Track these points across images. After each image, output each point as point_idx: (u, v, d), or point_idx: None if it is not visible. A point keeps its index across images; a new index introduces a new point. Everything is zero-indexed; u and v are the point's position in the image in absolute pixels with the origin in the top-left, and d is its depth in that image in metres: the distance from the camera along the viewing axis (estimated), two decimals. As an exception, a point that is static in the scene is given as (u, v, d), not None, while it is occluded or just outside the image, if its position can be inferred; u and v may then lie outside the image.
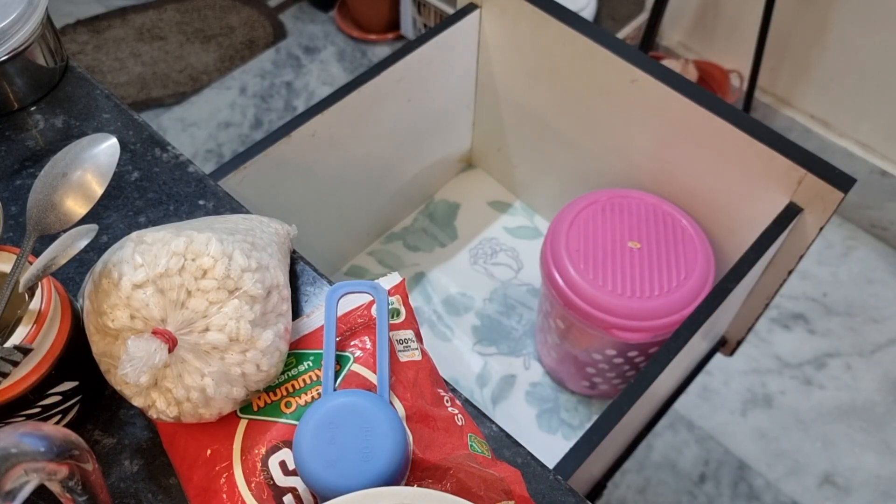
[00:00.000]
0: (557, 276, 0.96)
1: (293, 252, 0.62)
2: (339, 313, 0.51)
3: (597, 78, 0.98)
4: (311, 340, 0.52)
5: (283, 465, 0.46)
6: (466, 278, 1.26)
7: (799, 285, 1.62)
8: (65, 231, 0.47)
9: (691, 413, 1.44)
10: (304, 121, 0.94)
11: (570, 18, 0.95)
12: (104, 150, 0.50)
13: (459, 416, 0.50)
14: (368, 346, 0.50)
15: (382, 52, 1.93)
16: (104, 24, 1.97)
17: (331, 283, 0.60)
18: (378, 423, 0.44)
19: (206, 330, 0.44)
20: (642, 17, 1.74)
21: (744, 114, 0.85)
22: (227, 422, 0.48)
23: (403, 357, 0.51)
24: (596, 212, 1.00)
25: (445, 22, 1.05)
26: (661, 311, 0.92)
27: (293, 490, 0.46)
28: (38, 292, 0.46)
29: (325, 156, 1.03)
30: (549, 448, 1.11)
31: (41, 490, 0.36)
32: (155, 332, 0.43)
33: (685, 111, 0.88)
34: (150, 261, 0.44)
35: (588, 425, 0.81)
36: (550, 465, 0.76)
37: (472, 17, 1.06)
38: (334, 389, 0.48)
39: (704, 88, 0.88)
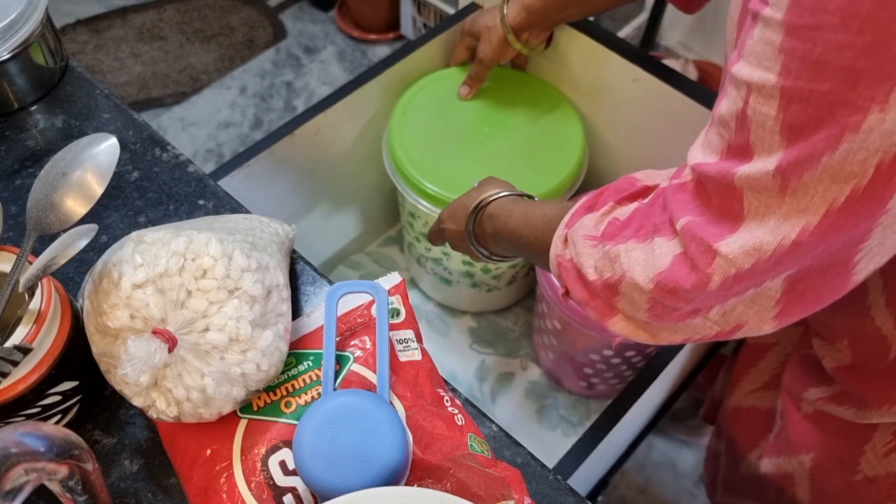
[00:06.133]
0: (553, 277, 0.96)
1: (293, 252, 0.62)
2: (339, 313, 0.51)
3: (598, 77, 0.98)
4: (311, 340, 0.52)
5: (283, 464, 0.46)
6: (466, 278, 1.26)
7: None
8: (65, 231, 0.47)
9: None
10: (307, 119, 0.94)
11: (570, 17, 0.95)
12: (104, 150, 0.50)
13: (459, 416, 0.50)
14: (368, 346, 0.50)
15: (382, 51, 1.93)
16: (104, 24, 1.97)
17: (331, 283, 0.60)
18: (378, 423, 0.44)
19: (206, 330, 0.44)
20: (642, 17, 1.74)
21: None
22: (227, 422, 0.48)
23: (403, 357, 0.51)
24: (596, 211, 1.00)
25: (447, 21, 1.05)
26: (660, 310, 0.92)
27: (293, 490, 0.46)
28: (38, 292, 0.46)
29: (325, 155, 1.03)
30: (550, 445, 1.11)
31: (41, 490, 0.36)
32: (155, 332, 0.43)
33: (687, 110, 0.88)
34: (150, 261, 0.44)
35: (588, 423, 0.81)
36: (552, 461, 0.77)
37: (474, 17, 1.06)
38: (334, 389, 0.48)
39: (706, 87, 0.88)
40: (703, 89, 0.87)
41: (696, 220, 0.41)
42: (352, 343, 0.51)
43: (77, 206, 0.49)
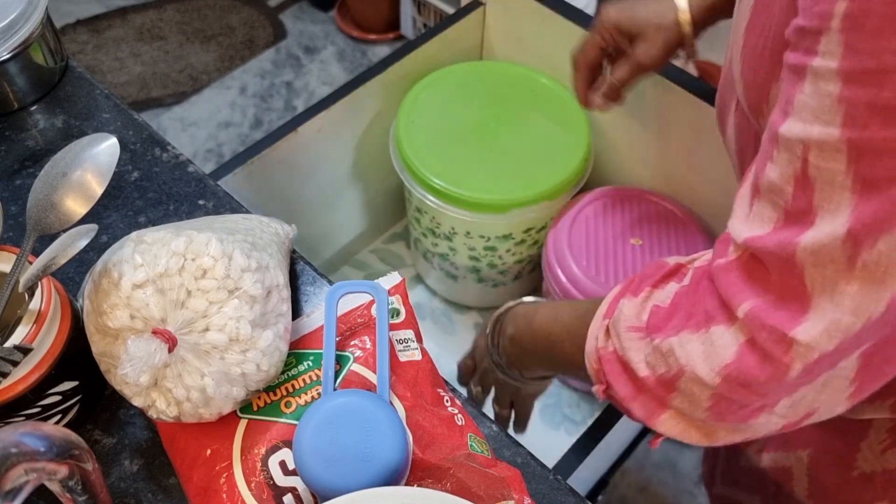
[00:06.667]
0: (560, 272, 0.96)
1: (293, 252, 0.62)
2: (339, 313, 0.51)
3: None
4: (311, 340, 0.52)
5: (283, 464, 0.46)
6: (467, 277, 1.26)
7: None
8: (65, 231, 0.47)
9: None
10: (308, 118, 0.94)
11: (573, 14, 0.95)
12: (104, 150, 0.50)
13: (459, 415, 0.50)
14: (368, 346, 0.50)
15: (382, 51, 1.93)
16: (104, 24, 1.97)
17: (331, 282, 0.60)
18: (378, 423, 0.44)
19: (206, 330, 0.44)
20: (642, 17, 1.73)
21: (744, 113, 0.84)
22: (227, 422, 0.48)
23: (403, 357, 0.51)
24: (598, 209, 1.00)
25: (449, 19, 1.05)
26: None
27: (293, 490, 0.46)
28: (38, 292, 0.46)
29: (327, 154, 1.03)
30: (552, 444, 1.11)
31: (41, 490, 0.36)
32: (155, 332, 0.43)
33: (688, 107, 0.88)
34: (150, 261, 0.44)
35: (591, 421, 0.81)
36: (554, 460, 0.77)
37: (476, 14, 1.06)
38: (334, 389, 0.48)
39: (708, 83, 0.88)
40: (703, 85, 0.87)
41: (759, 305, 0.37)
42: (352, 343, 0.51)
43: (77, 206, 0.49)
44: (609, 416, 0.79)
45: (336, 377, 0.49)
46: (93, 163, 0.50)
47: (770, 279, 0.37)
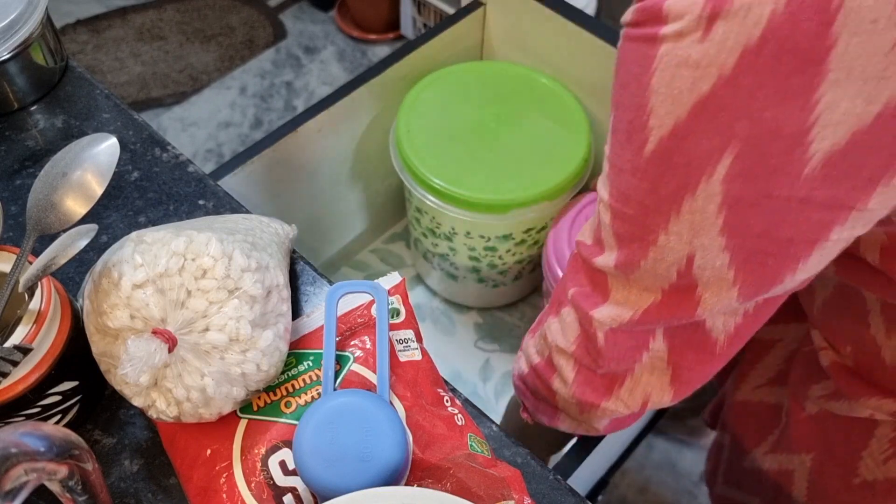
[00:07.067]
0: (560, 272, 0.96)
1: (293, 252, 0.62)
2: (339, 313, 0.51)
3: (601, 74, 0.98)
4: (311, 340, 0.52)
5: (283, 464, 0.46)
6: (467, 278, 1.26)
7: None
8: (65, 231, 0.47)
9: (692, 413, 1.44)
10: (308, 118, 0.94)
11: (573, 14, 0.96)
12: (104, 150, 0.50)
13: (459, 415, 0.50)
14: (368, 346, 0.50)
15: (382, 51, 1.92)
16: (104, 24, 1.97)
17: (331, 282, 0.60)
18: (378, 423, 0.44)
19: (206, 330, 0.44)
20: (642, 17, 1.73)
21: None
22: (227, 422, 0.48)
23: (403, 357, 0.51)
24: (597, 211, 1.00)
25: (450, 19, 1.05)
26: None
27: (293, 490, 0.46)
28: (37, 292, 0.46)
29: (327, 154, 1.03)
30: (550, 447, 1.11)
31: (41, 490, 0.36)
32: (155, 332, 0.43)
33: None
34: (150, 261, 0.44)
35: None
36: (554, 460, 0.77)
37: (476, 14, 1.06)
38: (334, 389, 0.48)
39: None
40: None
41: (578, 291, 0.50)
42: (352, 343, 0.51)
43: (77, 206, 0.49)
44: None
45: (336, 377, 0.49)
46: (93, 163, 0.50)
47: (588, 273, 0.50)
